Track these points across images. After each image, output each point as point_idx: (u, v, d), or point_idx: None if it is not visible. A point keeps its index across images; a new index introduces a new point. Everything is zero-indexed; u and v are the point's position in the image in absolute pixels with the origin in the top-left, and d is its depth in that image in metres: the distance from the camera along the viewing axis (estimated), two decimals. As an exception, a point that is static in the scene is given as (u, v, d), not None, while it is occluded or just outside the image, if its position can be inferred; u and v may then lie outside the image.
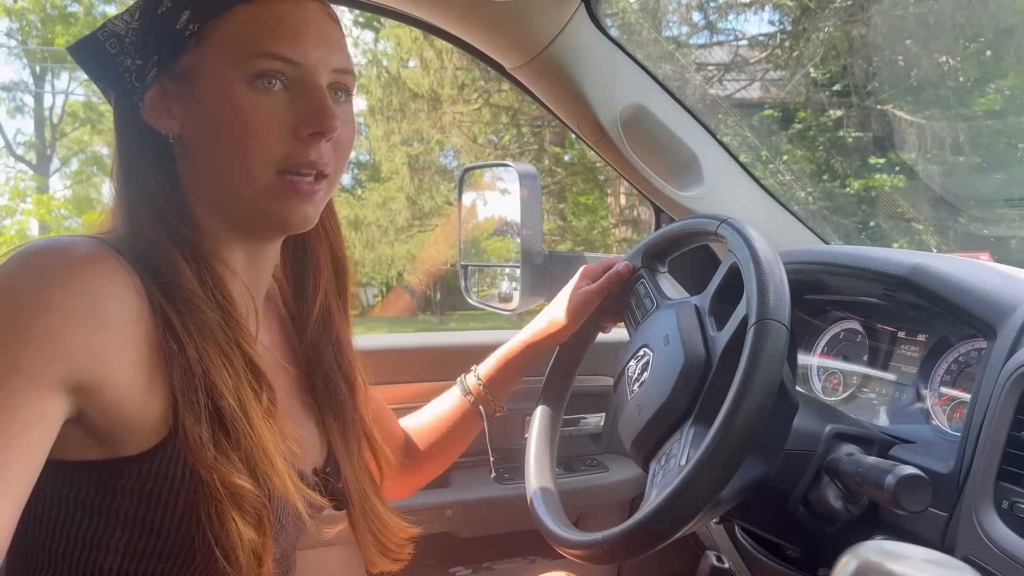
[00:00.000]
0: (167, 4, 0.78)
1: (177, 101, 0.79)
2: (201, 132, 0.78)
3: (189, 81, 0.78)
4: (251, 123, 0.76)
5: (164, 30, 0.78)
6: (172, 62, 0.78)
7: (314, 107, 0.78)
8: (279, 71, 0.77)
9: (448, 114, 11.31)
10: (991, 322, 0.97)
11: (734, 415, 0.80)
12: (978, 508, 0.86)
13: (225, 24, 0.77)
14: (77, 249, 0.69)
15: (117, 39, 0.79)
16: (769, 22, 10.26)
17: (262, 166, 0.78)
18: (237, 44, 0.76)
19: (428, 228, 12.29)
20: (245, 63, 0.76)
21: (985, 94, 8.91)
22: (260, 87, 0.77)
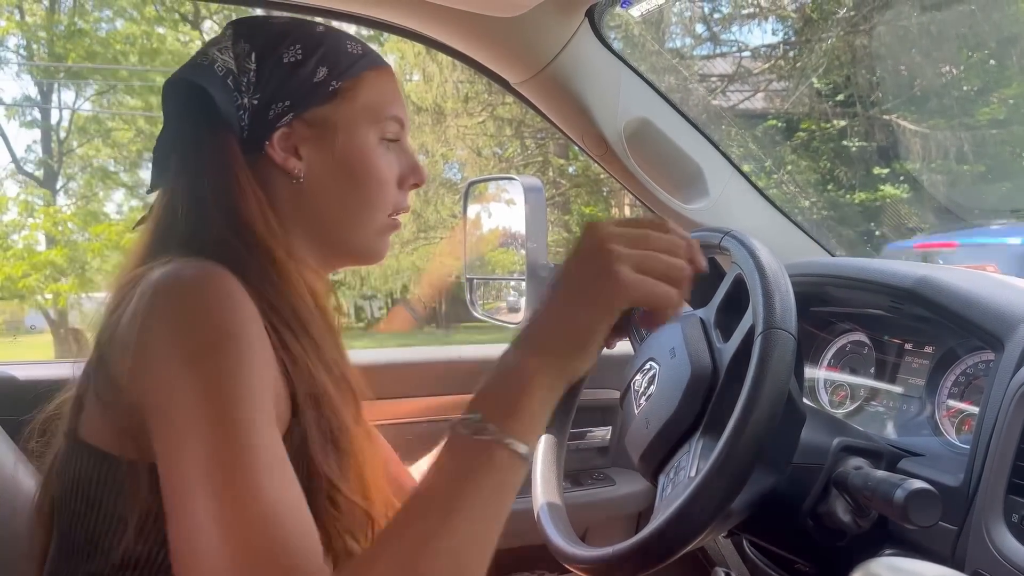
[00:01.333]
0: (296, 55, 0.86)
1: (307, 145, 0.87)
2: (331, 178, 0.88)
3: (324, 130, 0.87)
4: (381, 176, 0.89)
5: (298, 80, 0.86)
6: (307, 109, 0.86)
7: (412, 163, 0.94)
8: (397, 133, 0.92)
9: (452, 127, 11.35)
10: (998, 334, 0.96)
11: (744, 424, 0.80)
12: (988, 521, 0.86)
13: (359, 85, 0.88)
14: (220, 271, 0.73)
15: (232, 77, 0.85)
16: (772, 33, 10.28)
17: (381, 211, 0.91)
18: (372, 105, 0.89)
19: (433, 240, 12.32)
20: (379, 124, 0.89)
21: (989, 103, 8.92)
22: (385, 145, 0.90)
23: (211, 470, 0.65)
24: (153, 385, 0.69)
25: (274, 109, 0.85)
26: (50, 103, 15.24)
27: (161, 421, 0.68)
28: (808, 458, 0.96)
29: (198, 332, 0.69)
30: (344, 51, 0.89)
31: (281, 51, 0.86)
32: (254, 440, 0.67)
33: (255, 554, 0.63)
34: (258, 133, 0.85)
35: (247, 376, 0.69)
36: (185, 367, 0.67)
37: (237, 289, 0.72)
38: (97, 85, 14.70)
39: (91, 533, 0.75)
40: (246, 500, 0.64)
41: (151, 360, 0.69)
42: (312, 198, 0.88)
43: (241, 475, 0.65)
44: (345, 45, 0.89)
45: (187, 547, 0.64)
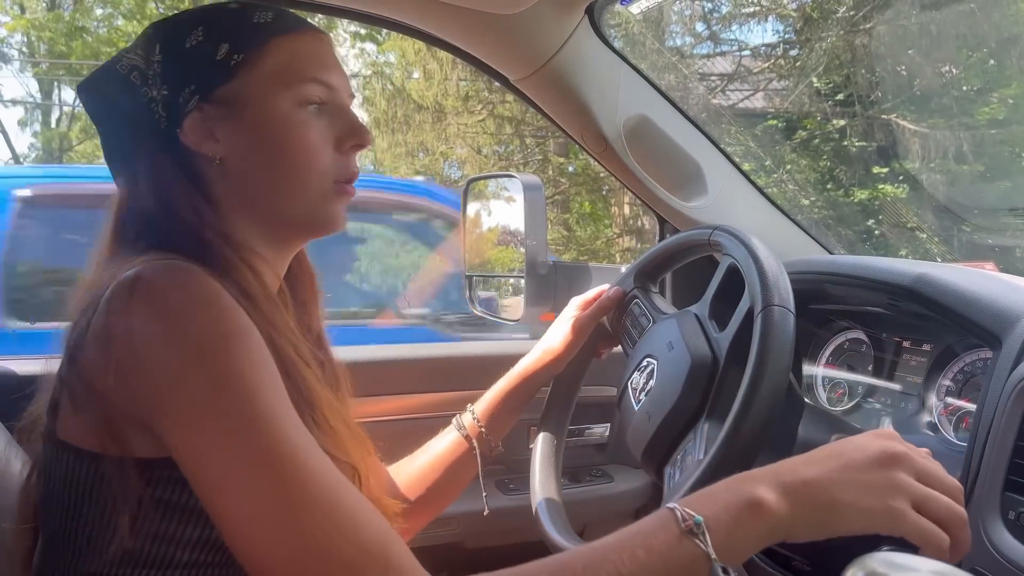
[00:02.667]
0: (198, 38, 0.85)
1: (221, 125, 0.85)
2: (251, 153, 0.86)
3: (235, 107, 0.85)
4: (306, 142, 0.86)
5: (199, 61, 0.85)
6: (215, 90, 0.85)
7: (350, 124, 0.90)
8: (319, 96, 0.87)
9: (453, 125, 11.34)
10: (996, 332, 0.97)
11: (752, 399, 0.81)
12: (985, 519, 0.86)
13: (266, 55, 0.86)
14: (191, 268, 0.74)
15: (139, 72, 0.85)
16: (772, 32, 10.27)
17: (316, 178, 0.88)
18: (283, 73, 0.86)
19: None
20: (293, 89, 0.86)
21: (988, 103, 8.91)
22: (306, 111, 0.86)
23: (256, 466, 0.67)
24: (156, 388, 0.69)
25: (183, 96, 0.85)
26: (51, 101, 15.23)
27: (179, 424, 0.69)
28: (806, 455, 0.96)
29: (197, 331, 0.69)
30: (248, 23, 0.87)
31: (184, 37, 0.85)
32: (286, 427, 0.69)
33: (331, 532, 0.66)
34: (173, 123, 0.85)
35: (259, 365, 0.71)
36: (194, 368, 0.68)
37: (213, 282, 0.73)
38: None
39: (83, 532, 0.75)
40: (304, 486, 0.67)
41: (148, 363, 0.69)
42: (239, 177, 0.86)
43: (289, 464, 0.67)
44: (251, 17, 0.87)
45: (251, 544, 0.67)
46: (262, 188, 0.87)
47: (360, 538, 0.67)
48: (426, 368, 1.57)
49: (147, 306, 0.70)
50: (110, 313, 0.71)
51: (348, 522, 0.68)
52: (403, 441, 1.18)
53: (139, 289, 0.71)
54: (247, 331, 0.72)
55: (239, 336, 0.71)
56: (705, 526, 0.67)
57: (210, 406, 0.68)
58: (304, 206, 0.88)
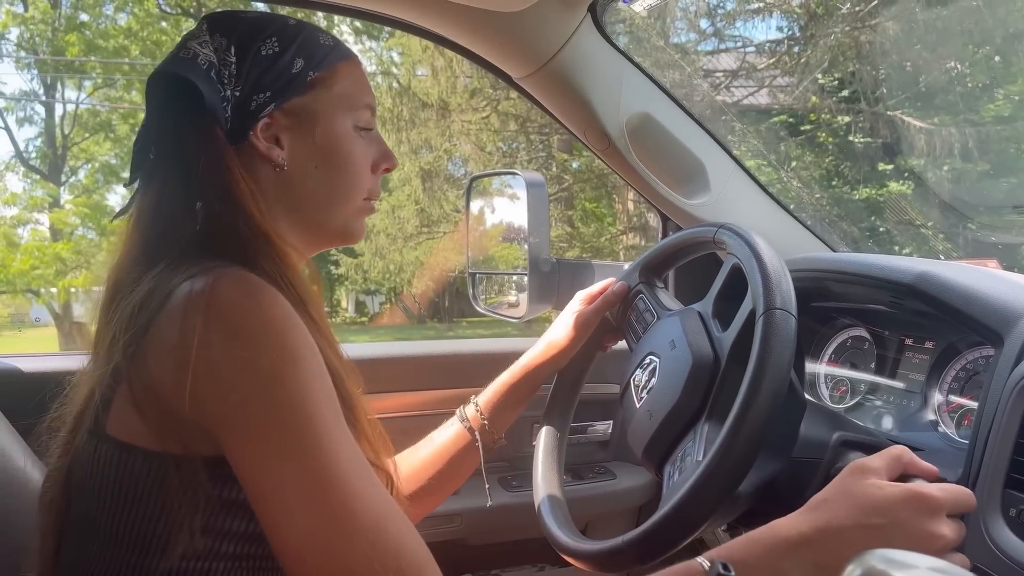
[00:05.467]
0: (273, 47, 0.89)
1: (287, 134, 0.90)
2: (311, 164, 0.91)
3: (304, 119, 0.90)
4: (357, 163, 0.94)
5: (276, 71, 0.89)
6: (287, 100, 0.89)
7: (384, 149, 0.98)
8: (367, 121, 0.96)
9: (457, 122, 11.34)
10: (998, 330, 0.97)
11: (751, 401, 0.81)
12: (986, 516, 0.86)
13: (333, 76, 0.92)
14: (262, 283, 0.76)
15: (215, 70, 0.87)
16: (777, 28, 10.25)
17: (358, 195, 0.95)
18: (348, 96, 0.93)
19: (437, 235, 12.33)
20: (354, 112, 0.94)
21: (994, 100, 8.89)
22: (360, 133, 0.95)
23: (311, 488, 0.71)
24: (225, 403, 0.72)
25: (256, 100, 0.88)
26: (53, 97, 15.25)
27: (244, 439, 0.72)
28: (808, 452, 0.96)
29: (271, 353, 0.72)
30: (318, 43, 0.92)
31: (259, 44, 0.89)
32: (343, 451, 0.74)
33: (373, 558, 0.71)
34: (241, 124, 0.88)
35: (320, 388, 0.74)
36: (265, 388, 0.72)
37: (280, 299, 0.76)
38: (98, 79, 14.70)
39: (141, 529, 0.76)
40: (354, 511, 0.72)
41: (221, 380, 0.72)
42: (294, 184, 0.91)
43: (342, 488, 0.72)
44: (318, 37, 0.93)
45: (298, 560, 0.72)
46: (313, 197, 0.92)
47: (399, 564, 0.73)
48: (428, 365, 1.57)
49: (224, 323, 0.73)
50: (185, 325, 0.73)
51: (391, 549, 0.73)
52: (405, 438, 1.18)
53: (215, 304, 0.73)
54: (313, 353, 0.75)
55: (307, 359, 0.74)
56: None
57: (274, 425, 0.72)
58: (343, 218, 0.95)
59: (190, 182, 0.85)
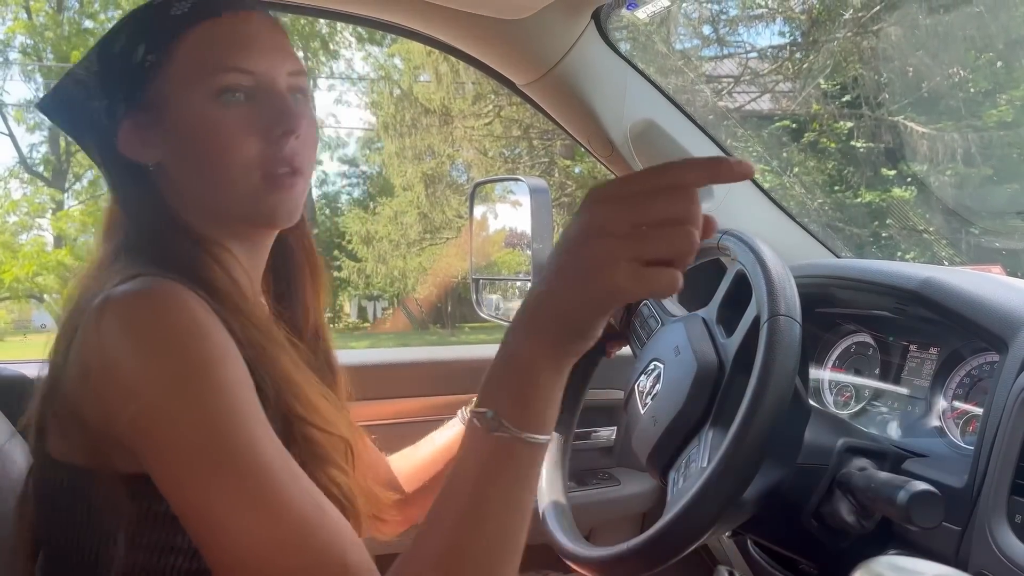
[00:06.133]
0: (122, 42, 0.83)
1: (151, 131, 0.83)
2: (180, 154, 0.84)
3: (158, 110, 0.83)
4: (227, 135, 0.81)
5: (124, 67, 0.83)
6: (138, 95, 0.83)
7: (276, 110, 0.83)
8: (240, 84, 0.82)
9: (459, 128, 11.36)
10: (1003, 336, 0.97)
11: (755, 409, 0.81)
12: (991, 522, 0.86)
13: (178, 50, 0.82)
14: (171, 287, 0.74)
15: (83, 85, 0.85)
16: (779, 34, 10.27)
17: (245, 172, 0.82)
18: (196, 65, 0.82)
19: (439, 241, 12.34)
20: (208, 81, 0.81)
21: (997, 105, 8.89)
22: (225, 101, 0.81)
23: (237, 501, 0.67)
24: (139, 412, 0.69)
25: (117, 105, 0.84)
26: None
27: (157, 453, 0.70)
28: (812, 458, 0.96)
29: (177, 357, 0.70)
30: (166, 17, 0.83)
31: (113, 43, 0.84)
32: (266, 459, 0.69)
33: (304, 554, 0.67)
34: (114, 132, 0.84)
35: (236, 395, 0.71)
36: (170, 400, 0.69)
37: (194, 302, 0.72)
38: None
39: (86, 548, 0.76)
40: (285, 519, 0.68)
41: (122, 390, 0.70)
42: (176, 179, 0.85)
43: (267, 492, 0.68)
44: (167, 12, 0.83)
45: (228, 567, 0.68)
46: (196, 189, 0.85)
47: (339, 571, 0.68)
48: (429, 371, 1.57)
49: (123, 335, 0.70)
50: (88, 337, 0.72)
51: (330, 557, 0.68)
52: (403, 445, 1.18)
53: (114, 316, 0.71)
54: (227, 360, 0.72)
55: (218, 367, 0.71)
56: (498, 413, 0.66)
57: (187, 438, 0.68)
58: (235, 202, 0.84)
59: (112, 191, 0.86)
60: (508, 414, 0.66)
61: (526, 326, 0.67)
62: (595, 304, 0.64)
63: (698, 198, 0.62)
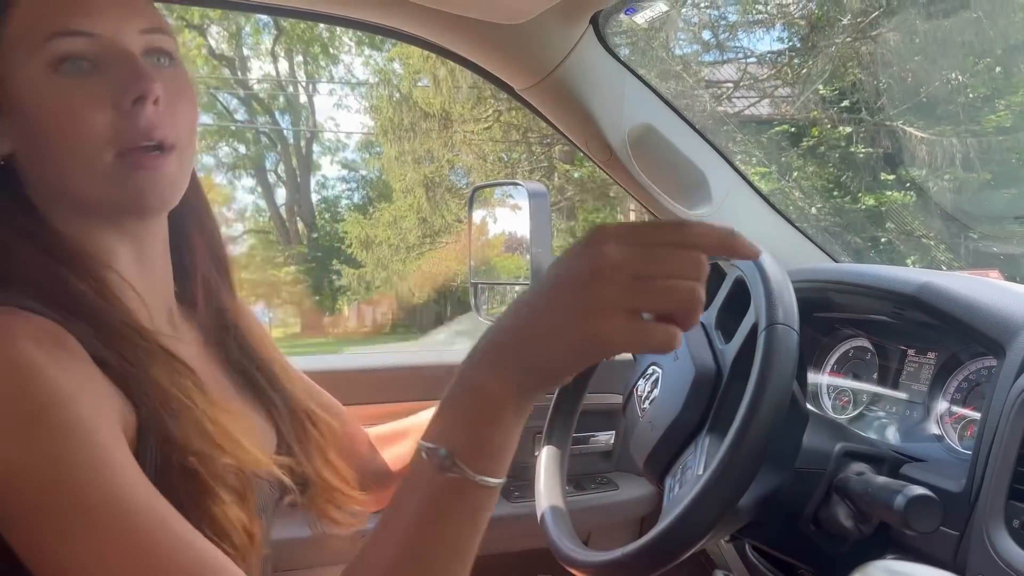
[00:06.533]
0: None
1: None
2: (29, 139, 0.73)
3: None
4: (67, 111, 0.70)
5: None
6: None
7: (126, 73, 0.71)
8: (81, 50, 0.71)
9: (459, 132, 11.37)
10: (1000, 340, 0.97)
11: (751, 418, 0.81)
12: (989, 527, 0.86)
13: (9, 19, 0.71)
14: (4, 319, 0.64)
15: None
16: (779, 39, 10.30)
17: (95, 152, 0.71)
18: (28, 33, 0.70)
19: (439, 246, 12.34)
20: (41, 49, 0.70)
21: (995, 111, 8.91)
22: (66, 71, 0.71)
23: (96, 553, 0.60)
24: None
25: None
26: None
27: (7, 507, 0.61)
28: (810, 463, 0.97)
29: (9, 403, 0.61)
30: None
31: None
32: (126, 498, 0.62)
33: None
34: None
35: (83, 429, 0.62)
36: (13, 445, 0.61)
37: (25, 333, 0.63)
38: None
39: None
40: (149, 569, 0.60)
41: None
42: (30, 170, 0.74)
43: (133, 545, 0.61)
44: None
45: None
46: (49, 178, 0.74)
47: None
48: (426, 376, 1.57)
49: None
50: None
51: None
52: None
53: None
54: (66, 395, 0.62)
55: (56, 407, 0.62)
56: (451, 452, 0.60)
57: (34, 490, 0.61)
58: (93, 188, 0.73)
59: None
60: (463, 453, 0.60)
61: (494, 360, 0.61)
62: (580, 352, 0.58)
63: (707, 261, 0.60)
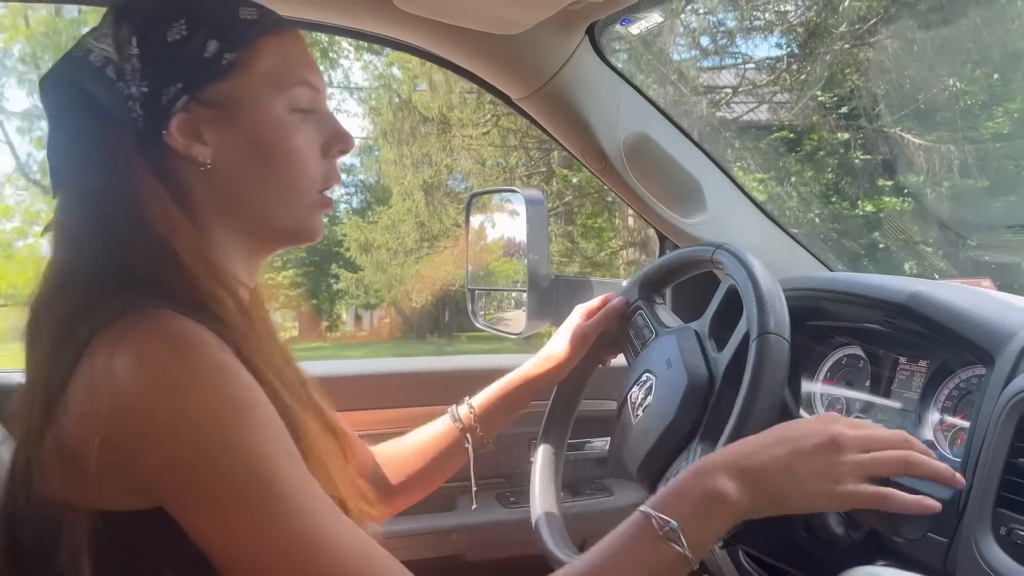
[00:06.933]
0: (181, 31, 0.77)
1: (210, 128, 0.79)
2: (243, 158, 0.81)
3: (227, 109, 0.80)
4: (297, 151, 0.82)
5: (187, 58, 0.78)
6: (202, 90, 0.79)
7: (334, 129, 0.86)
8: (310, 99, 0.84)
9: (457, 137, 11.38)
10: (989, 349, 0.98)
11: (742, 425, 0.82)
12: (977, 534, 0.87)
13: (255, 54, 0.80)
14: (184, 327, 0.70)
15: (114, 65, 0.77)
16: (776, 45, 10.32)
17: (307, 187, 0.84)
18: (276, 75, 0.81)
19: (437, 250, 12.34)
20: (286, 92, 0.81)
21: (993, 117, 8.93)
22: (299, 115, 0.83)
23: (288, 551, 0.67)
24: (172, 458, 0.67)
25: (166, 94, 0.77)
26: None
27: (195, 503, 0.67)
28: (802, 470, 0.97)
29: (199, 408, 0.67)
30: (236, 19, 0.80)
31: (164, 29, 0.77)
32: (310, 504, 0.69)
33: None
34: (154, 123, 0.78)
35: (274, 438, 0.70)
36: (208, 450, 0.67)
37: (212, 343, 0.70)
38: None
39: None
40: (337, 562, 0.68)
41: (158, 432, 0.66)
42: (226, 184, 0.81)
43: (320, 543, 0.68)
44: (237, 12, 0.81)
45: None
46: (252, 196, 0.82)
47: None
48: (423, 381, 1.58)
49: (143, 379, 0.66)
50: (98, 379, 0.67)
51: None
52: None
53: (125, 356, 0.67)
54: (257, 399, 0.70)
55: (252, 409, 0.69)
56: (680, 529, 0.72)
57: (230, 491, 0.67)
58: (292, 216, 0.84)
59: (95, 197, 0.77)
60: (688, 533, 0.73)
61: (741, 478, 0.75)
62: (819, 502, 0.78)
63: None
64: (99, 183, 0.77)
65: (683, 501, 0.75)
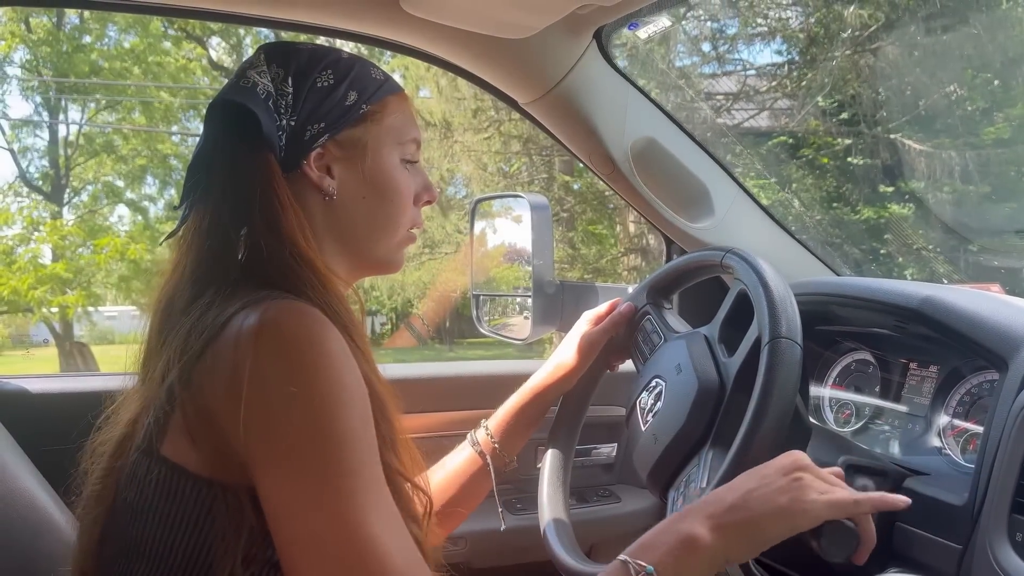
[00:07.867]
0: (328, 79, 0.92)
1: (339, 164, 0.93)
2: (360, 195, 0.94)
3: (355, 151, 0.93)
4: (403, 194, 0.97)
5: (331, 103, 0.91)
6: (340, 131, 0.92)
7: (426, 182, 1.01)
8: (413, 154, 0.99)
9: (460, 143, 11.38)
10: (1003, 354, 0.97)
11: (754, 431, 0.82)
12: (992, 540, 0.86)
13: (383, 109, 0.95)
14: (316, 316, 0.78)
15: (272, 99, 0.90)
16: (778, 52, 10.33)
17: (402, 226, 0.98)
18: (396, 128, 0.96)
19: (439, 256, 12.34)
20: (402, 146, 0.97)
21: (994, 123, 8.93)
22: (406, 166, 0.98)
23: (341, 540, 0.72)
24: (270, 438, 0.73)
25: (310, 130, 0.90)
26: (56, 118, 15.33)
27: (282, 478, 0.73)
28: (813, 476, 0.97)
29: (320, 387, 0.74)
30: (370, 76, 0.95)
31: (315, 75, 0.91)
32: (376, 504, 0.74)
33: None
34: (295, 153, 0.90)
35: (365, 434, 0.76)
36: (313, 427, 0.73)
37: (335, 332, 0.77)
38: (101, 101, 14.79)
39: (187, 554, 0.77)
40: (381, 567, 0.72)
41: (269, 412, 0.73)
42: (342, 214, 0.93)
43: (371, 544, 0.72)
44: (370, 71, 0.95)
45: None
46: (360, 227, 0.95)
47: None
48: (438, 387, 1.57)
49: (277, 357, 0.74)
50: (239, 356, 0.74)
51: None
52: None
53: (269, 337, 0.75)
54: (362, 393, 0.77)
55: (356, 401, 0.76)
56: (656, 574, 0.76)
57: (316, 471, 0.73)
58: (387, 248, 0.98)
59: (241, 208, 0.86)
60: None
61: (712, 517, 0.79)
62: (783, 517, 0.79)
63: None
64: (247, 193, 0.86)
65: (659, 547, 0.79)
